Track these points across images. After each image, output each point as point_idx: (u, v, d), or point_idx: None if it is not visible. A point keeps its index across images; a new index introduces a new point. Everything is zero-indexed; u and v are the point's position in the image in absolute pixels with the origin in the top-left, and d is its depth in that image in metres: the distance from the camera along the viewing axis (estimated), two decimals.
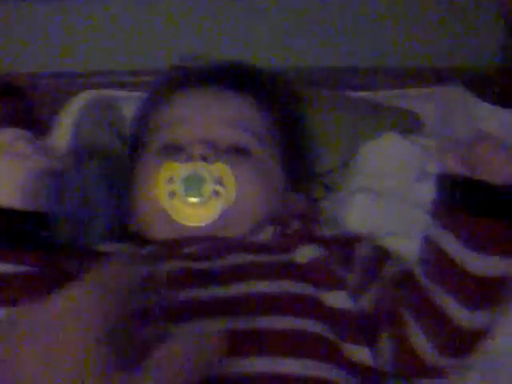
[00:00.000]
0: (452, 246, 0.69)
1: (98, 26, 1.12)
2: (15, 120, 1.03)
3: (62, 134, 1.02)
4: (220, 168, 0.81)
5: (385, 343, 0.74)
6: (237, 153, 0.85)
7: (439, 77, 1.11)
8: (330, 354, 0.71)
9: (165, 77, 0.99)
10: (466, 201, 0.69)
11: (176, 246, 0.80)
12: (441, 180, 0.73)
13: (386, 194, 0.93)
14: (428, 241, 0.73)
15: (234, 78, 0.93)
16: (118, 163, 0.97)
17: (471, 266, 0.68)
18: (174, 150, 0.85)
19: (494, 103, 1.06)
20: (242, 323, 0.69)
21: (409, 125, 1.04)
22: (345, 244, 0.81)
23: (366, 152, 0.99)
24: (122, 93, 1.09)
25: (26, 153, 0.71)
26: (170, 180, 0.82)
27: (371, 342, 0.74)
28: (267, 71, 0.99)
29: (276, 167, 0.89)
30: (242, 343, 0.67)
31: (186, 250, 0.79)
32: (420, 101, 1.09)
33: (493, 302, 0.70)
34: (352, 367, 0.72)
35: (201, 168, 0.81)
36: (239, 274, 0.75)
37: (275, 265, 0.77)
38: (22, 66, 1.12)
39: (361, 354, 0.73)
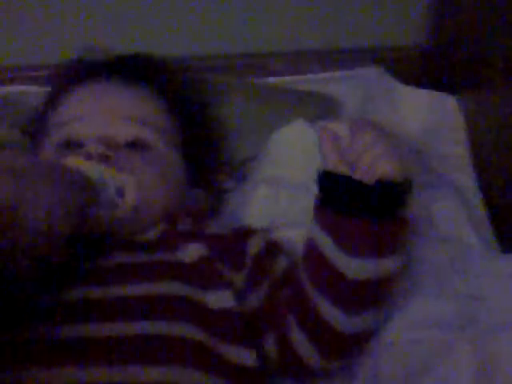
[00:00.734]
0: (329, 248, 0.68)
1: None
2: None
3: None
4: (123, 178, 0.78)
5: (270, 344, 0.72)
6: (136, 148, 0.81)
7: (359, 58, 1.07)
8: (201, 358, 0.67)
9: (61, 71, 0.95)
10: (341, 200, 0.68)
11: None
12: (320, 176, 0.71)
13: (292, 185, 0.90)
14: (308, 241, 0.71)
15: (131, 70, 0.90)
16: None
17: (344, 269, 0.67)
18: (75, 147, 0.81)
19: (416, 85, 1.03)
20: (107, 329, 0.66)
21: (325, 110, 1.00)
22: (235, 241, 0.78)
23: (273, 141, 0.96)
24: (32, 88, 1.06)
25: None
26: None
27: (256, 342, 0.72)
28: (167, 61, 0.94)
29: (177, 160, 0.86)
30: (98, 350, 0.64)
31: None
32: (339, 83, 1.06)
33: (370, 305, 0.69)
34: (232, 371, 0.68)
35: (107, 174, 0.76)
36: (118, 275, 0.71)
37: (157, 265, 0.74)
38: None
39: (242, 355, 0.70)
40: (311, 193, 0.86)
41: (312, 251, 0.70)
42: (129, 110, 0.84)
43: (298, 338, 0.70)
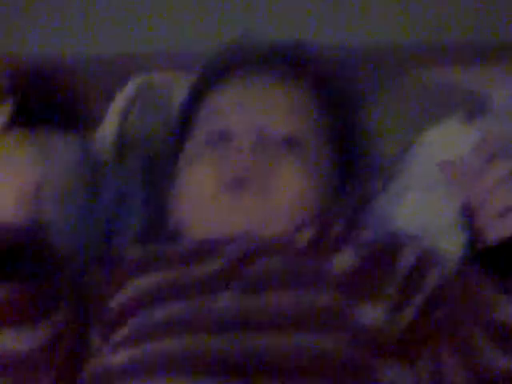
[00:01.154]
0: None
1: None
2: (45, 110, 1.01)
3: (112, 122, 0.98)
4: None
5: (423, 364, 0.68)
6: (288, 145, 0.80)
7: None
8: (354, 375, 0.65)
9: (217, 59, 0.92)
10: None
11: (213, 245, 0.76)
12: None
13: (445, 188, 0.83)
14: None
15: (291, 63, 0.87)
16: (161, 156, 0.94)
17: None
18: (224, 140, 0.81)
19: None
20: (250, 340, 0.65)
21: (475, 108, 0.95)
22: (386, 251, 0.75)
23: (425, 141, 0.91)
24: (172, 75, 1.04)
25: (23, 162, 0.68)
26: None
27: (410, 360, 0.69)
28: (323, 53, 0.91)
29: (329, 161, 0.84)
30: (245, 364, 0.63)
31: (221, 253, 0.75)
32: (488, 80, 0.99)
33: None
34: None
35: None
36: (267, 281, 0.71)
37: (308, 272, 0.72)
38: (60, 47, 1.07)
39: (396, 374, 0.67)
40: None
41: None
42: (288, 105, 0.83)
43: (451, 365, 0.65)
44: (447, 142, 0.89)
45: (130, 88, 1.02)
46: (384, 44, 1.05)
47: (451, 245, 0.77)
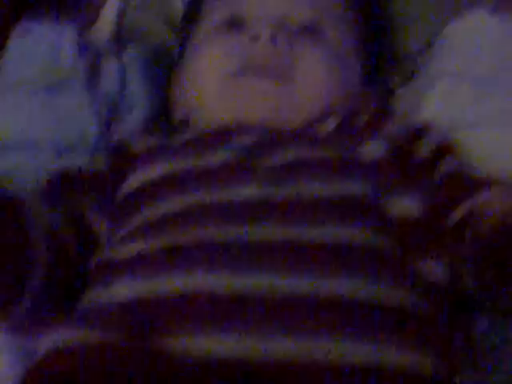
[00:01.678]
0: None
1: None
2: None
3: (108, 15, 0.91)
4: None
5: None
6: (309, 33, 0.74)
7: None
8: (393, 270, 0.57)
9: None
10: None
11: (226, 133, 0.69)
12: None
13: (474, 81, 0.79)
14: None
15: None
16: (162, 50, 0.88)
17: None
18: (237, 28, 0.75)
19: None
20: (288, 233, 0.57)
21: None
22: (408, 142, 0.68)
23: (450, 34, 0.84)
24: None
25: None
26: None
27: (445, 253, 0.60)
28: None
29: (351, 52, 0.78)
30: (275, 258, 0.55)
31: (237, 140, 0.68)
32: None
33: None
34: (425, 286, 0.58)
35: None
36: (296, 171, 0.63)
37: (339, 161, 0.65)
38: None
39: (434, 269, 0.59)
40: (498, 92, 0.77)
41: None
42: None
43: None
44: (477, 30, 0.82)
45: None
46: None
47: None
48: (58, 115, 0.75)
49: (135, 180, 0.66)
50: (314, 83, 0.72)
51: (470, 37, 0.82)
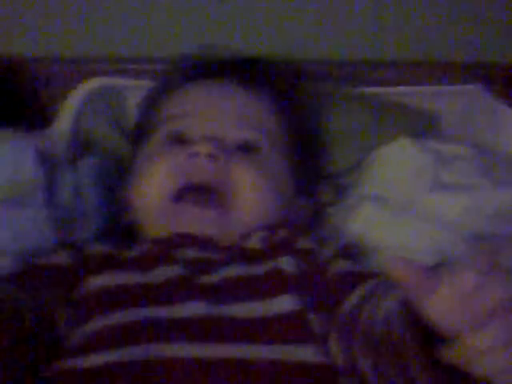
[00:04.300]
0: None
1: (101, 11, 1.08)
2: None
3: (64, 122, 0.99)
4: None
5: None
6: (245, 151, 0.82)
7: (461, 73, 1.04)
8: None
9: (177, 66, 0.95)
10: None
11: (169, 247, 0.76)
12: None
13: (396, 204, 0.88)
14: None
15: (247, 73, 0.91)
16: (116, 157, 0.95)
17: None
18: (180, 143, 0.82)
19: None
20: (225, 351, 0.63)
21: (425, 127, 0.99)
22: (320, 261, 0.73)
23: (377, 158, 0.94)
24: (129, 81, 1.04)
25: None
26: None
27: None
28: (281, 66, 0.95)
29: (286, 167, 0.85)
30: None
31: (180, 255, 0.74)
32: (438, 98, 1.03)
33: None
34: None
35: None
36: (228, 291, 0.70)
37: (267, 278, 0.71)
38: (19, 49, 1.07)
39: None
40: (417, 215, 0.86)
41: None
42: (242, 112, 0.85)
43: None
44: (401, 159, 0.92)
45: (82, 89, 1.02)
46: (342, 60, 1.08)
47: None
48: (16, 228, 0.80)
49: (89, 285, 0.71)
50: (249, 206, 0.78)
51: (395, 162, 0.92)
